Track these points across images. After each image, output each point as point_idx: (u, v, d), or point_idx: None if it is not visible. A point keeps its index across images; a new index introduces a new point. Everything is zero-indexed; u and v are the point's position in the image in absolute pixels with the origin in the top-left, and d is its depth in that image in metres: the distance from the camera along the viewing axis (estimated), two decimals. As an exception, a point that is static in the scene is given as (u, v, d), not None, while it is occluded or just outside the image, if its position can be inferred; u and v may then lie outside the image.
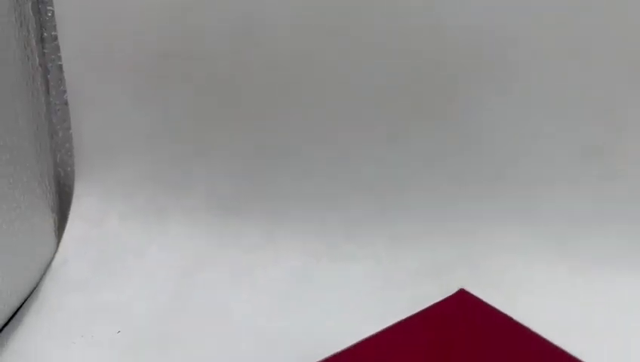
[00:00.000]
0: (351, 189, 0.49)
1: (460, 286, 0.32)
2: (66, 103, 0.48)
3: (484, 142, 0.46)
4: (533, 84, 0.44)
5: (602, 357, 0.30)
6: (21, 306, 0.41)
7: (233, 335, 0.39)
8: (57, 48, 0.47)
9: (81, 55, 0.47)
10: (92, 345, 0.38)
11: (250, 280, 0.45)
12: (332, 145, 0.48)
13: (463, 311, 0.29)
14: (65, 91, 0.48)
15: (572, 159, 0.45)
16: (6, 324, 0.39)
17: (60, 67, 0.47)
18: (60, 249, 0.46)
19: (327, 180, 0.48)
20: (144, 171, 0.49)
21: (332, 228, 0.48)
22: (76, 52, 0.47)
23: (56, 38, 0.47)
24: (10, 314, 0.40)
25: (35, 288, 0.43)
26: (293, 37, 0.45)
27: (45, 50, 0.47)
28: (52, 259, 0.45)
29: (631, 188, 0.45)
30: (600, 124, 0.45)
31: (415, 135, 0.47)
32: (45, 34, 0.47)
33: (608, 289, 0.43)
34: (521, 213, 0.46)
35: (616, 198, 0.45)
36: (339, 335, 0.29)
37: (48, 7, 0.46)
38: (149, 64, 0.47)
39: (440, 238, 0.46)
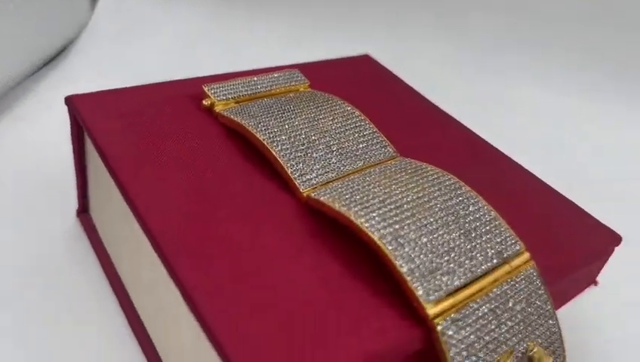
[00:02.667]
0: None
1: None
2: None
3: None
4: None
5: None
6: (64, 50, 0.55)
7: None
8: None
9: None
10: (117, 79, 0.52)
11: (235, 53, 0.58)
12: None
13: (363, 70, 0.40)
14: None
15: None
16: (54, 58, 0.54)
17: None
18: (94, 14, 0.59)
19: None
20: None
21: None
22: None
23: None
24: (57, 52, 0.54)
25: (74, 38, 0.56)
26: None
27: None
28: (88, 20, 0.58)
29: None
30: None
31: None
32: None
33: (502, 88, 0.55)
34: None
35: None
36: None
37: None
38: None
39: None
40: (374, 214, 0.24)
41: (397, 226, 0.23)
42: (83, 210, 0.36)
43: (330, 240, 0.24)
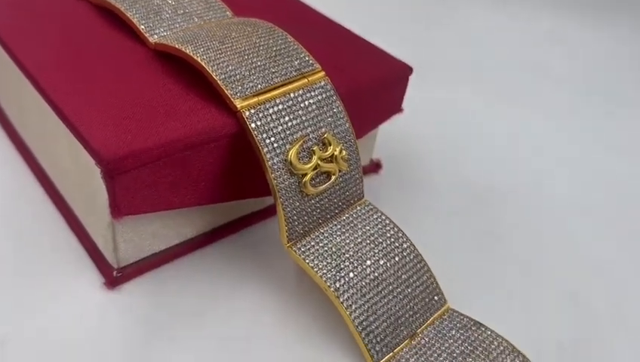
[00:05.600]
0: None
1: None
2: None
3: None
4: None
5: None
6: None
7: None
8: None
9: None
10: None
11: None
12: None
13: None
14: None
15: None
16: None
17: None
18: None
19: None
20: None
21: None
22: None
23: None
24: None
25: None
26: None
27: None
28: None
29: None
30: None
31: None
32: None
33: None
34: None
35: None
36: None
37: None
38: None
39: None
40: (201, 46, 0.31)
41: (217, 52, 0.31)
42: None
43: (170, 70, 0.32)
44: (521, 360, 0.29)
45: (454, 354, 0.29)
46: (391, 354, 0.29)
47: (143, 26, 0.34)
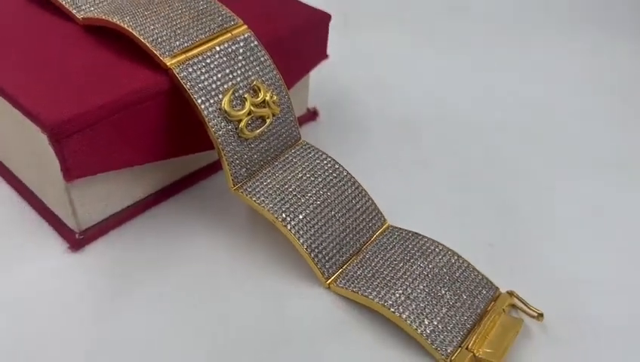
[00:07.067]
0: None
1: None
2: None
3: None
4: None
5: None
6: None
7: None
8: None
9: None
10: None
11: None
12: None
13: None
14: None
15: None
16: None
17: None
18: None
19: None
20: None
21: None
22: None
23: None
24: None
25: None
26: None
27: None
28: None
29: None
30: None
31: None
32: None
33: None
34: None
35: None
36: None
37: None
38: None
39: None
40: (127, 14, 0.33)
41: (142, 18, 0.33)
42: None
43: (102, 41, 0.34)
44: (456, 258, 0.33)
45: (395, 262, 0.32)
46: (340, 270, 0.32)
47: (67, 4, 0.36)
